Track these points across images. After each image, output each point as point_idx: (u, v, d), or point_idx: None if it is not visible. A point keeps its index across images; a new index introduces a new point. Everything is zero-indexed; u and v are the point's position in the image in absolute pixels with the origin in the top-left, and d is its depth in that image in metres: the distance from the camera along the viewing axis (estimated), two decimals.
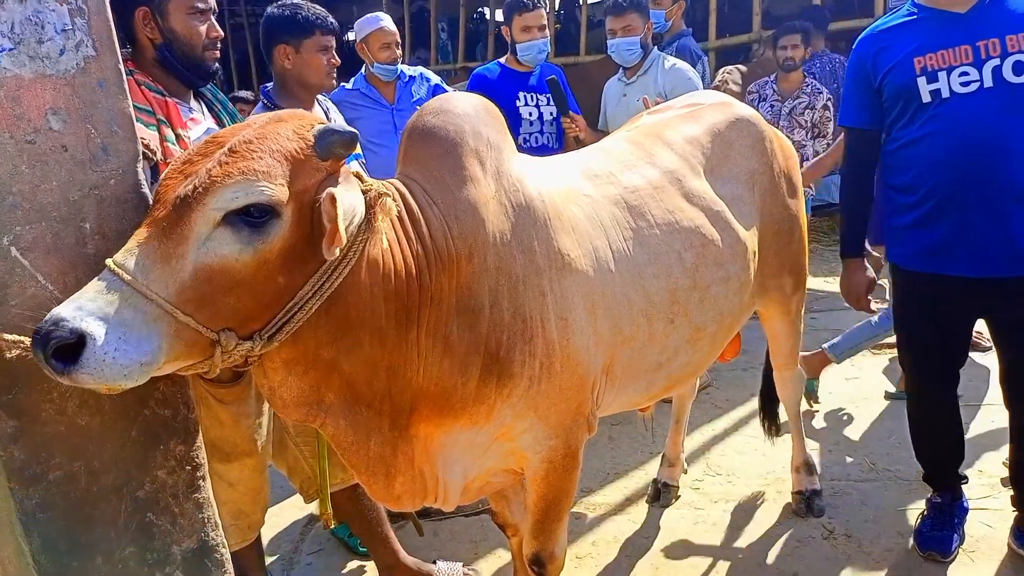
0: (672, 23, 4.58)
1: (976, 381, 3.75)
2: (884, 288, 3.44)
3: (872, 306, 2.68)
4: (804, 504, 2.92)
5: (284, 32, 2.71)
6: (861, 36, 2.49)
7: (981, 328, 2.82)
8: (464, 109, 1.81)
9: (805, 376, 3.00)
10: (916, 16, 2.35)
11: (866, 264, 2.63)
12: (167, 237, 1.32)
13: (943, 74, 2.25)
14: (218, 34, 2.13)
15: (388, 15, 3.73)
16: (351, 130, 1.48)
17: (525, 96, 3.85)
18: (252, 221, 1.35)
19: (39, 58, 1.32)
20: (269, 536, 2.96)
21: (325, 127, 1.47)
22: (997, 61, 2.20)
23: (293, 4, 2.75)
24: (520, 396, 1.77)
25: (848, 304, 2.71)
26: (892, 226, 2.51)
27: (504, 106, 2.56)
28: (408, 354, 1.63)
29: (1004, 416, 2.58)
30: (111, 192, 1.43)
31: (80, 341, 1.21)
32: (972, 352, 3.69)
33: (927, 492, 2.76)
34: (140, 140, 1.50)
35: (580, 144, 3.20)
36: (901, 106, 2.35)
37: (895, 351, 3.07)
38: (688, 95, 2.73)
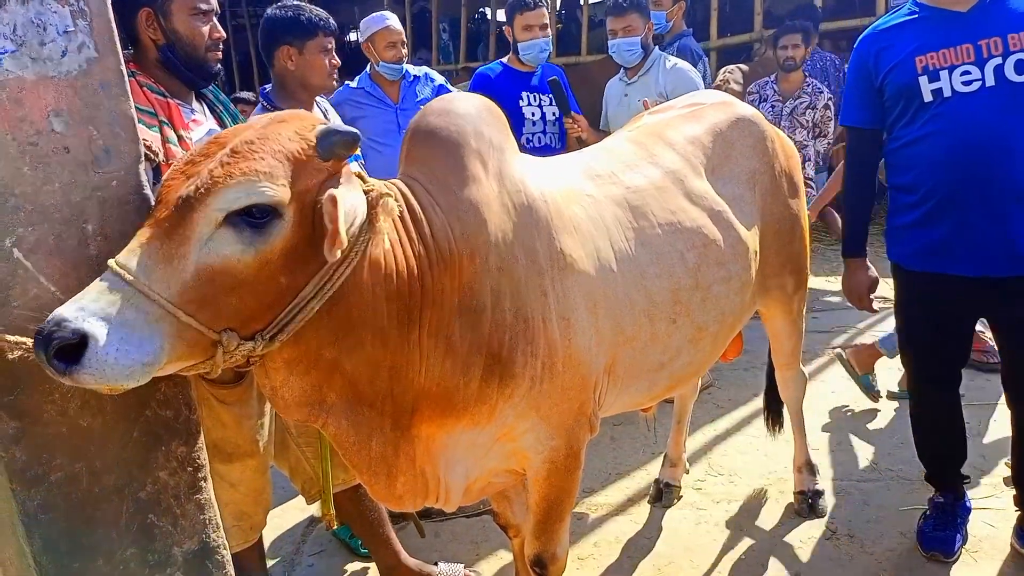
0: (673, 24, 4.57)
1: (978, 380, 3.74)
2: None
3: (875, 305, 2.67)
4: (806, 504, 2.92)
5: (287, 33, 2.71)
6: (862, 35, 2.48)
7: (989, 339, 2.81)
8: (466, 110, 1.81)
9: (807, 376, 2.99)
10: (917, 15, 2.35)
11: (868, 263, 2.63)
12: (169, 238, 1.32)
13: (945, 73, 2.25)
14: (220, 35, 2.13)
15: (394, 14, 3.74)
16: (353, 130, 1.48)
17: (528, 96, 3.84)
18: (254, 222, 1.36)
19: (41, 60, 1.33)
20: (271, 537, 2.96)
21: (327, 128, 1.47)
22: (999, 60, 2.19)
23: (295, 5, 2.75)
24: (522, 396, 1.76)
25: (850, 303, 2.71)
26: (893, 225, 2.51)
27: (507, 106, 2.57)
28: (410, 354, 1.63)
29: (1006, 415, 2.58)
30: (113, 193, 1.43)
31: (82, 342, 1.21)
32: (980, 371, 3.70)
33: (930, 492, 2.75)
34: (142, 141, 1.50)
35: (582, 144, 3.19)
36: (902, 105, 2.35)
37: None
38: (689, 95, 2.73)
